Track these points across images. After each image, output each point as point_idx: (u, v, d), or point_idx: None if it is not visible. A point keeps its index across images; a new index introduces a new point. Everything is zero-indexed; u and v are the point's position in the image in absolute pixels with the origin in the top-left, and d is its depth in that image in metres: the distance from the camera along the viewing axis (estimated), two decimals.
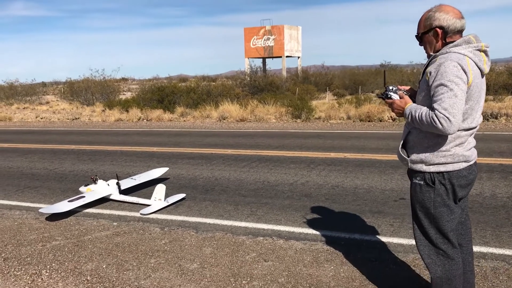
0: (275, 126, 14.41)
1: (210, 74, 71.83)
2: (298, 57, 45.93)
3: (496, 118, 13.05)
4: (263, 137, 11.68)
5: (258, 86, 26.02)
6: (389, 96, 2.69)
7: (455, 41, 2.45)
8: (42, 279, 3.75)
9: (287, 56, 43.47)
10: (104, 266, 3.94)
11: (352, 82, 31.22)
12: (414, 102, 2.62)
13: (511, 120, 12.87)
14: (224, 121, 16.41)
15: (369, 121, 14.17)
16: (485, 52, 2.47)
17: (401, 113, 2.60)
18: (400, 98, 2.63)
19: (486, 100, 17.55)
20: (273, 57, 44.20)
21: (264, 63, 42.06)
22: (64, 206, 5.39)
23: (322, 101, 22.99)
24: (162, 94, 21.11)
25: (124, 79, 68.61)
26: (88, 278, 3.73)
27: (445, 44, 2.48)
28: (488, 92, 20.94)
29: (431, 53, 2.53)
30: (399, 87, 2.74)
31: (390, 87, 2.71)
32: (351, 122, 14.31)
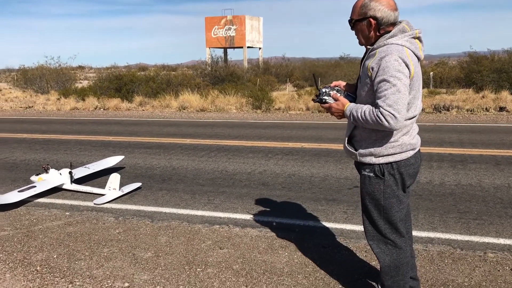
0: (236, 116, 14.40)
1: (170, 63, 70.74)
2: (260, 48, 45.96)
3: (448, 110, 13.55)
4: (223, 127, 11.66)
5: (219, 76, 25.87)
6: (323, 100, 2.62)
7: (389, 31, 2.44)
8: None
9: (248, 47, 43.40)
10: (55, 256, 3.84)
11: (312, 74, 31.53)
12: (353, 96, 2.62)
13: (461, 112, 13.40)
14: (184, 111, 16.25)
15: (326, 112, 14.39)
16: (419, 38, 2.48)
17: (341, 115, 2.58)
18: (335, 100, 2.60)
19: (439, 93, 18.19)
20: (234, 48, 44.03)
21: (225, 53, 41.83)
22: (14, 196, 5.20)
23: (282, 92, 23.16)
24: (120, 83, 20.60)
25: (81, 67, 66.52)
26: (38, 268, 3.62)
27: (379, 35, 2.46)
28: (441, 85, 21.73)
29: (364, 42, 2.53)
30: (332, 85, 2.69)
31: (323, 90, 2.63)
32: (310, 113, 14.49)
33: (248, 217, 4.70)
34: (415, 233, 3.82)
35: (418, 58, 2.47)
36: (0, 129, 12.16)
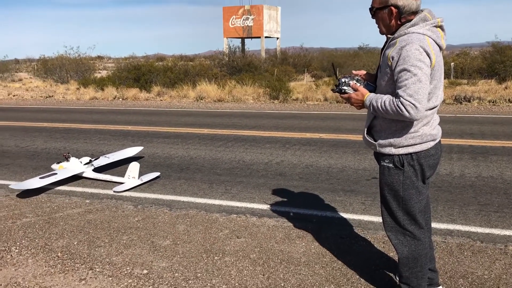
0: (253, 106, 14.39)
1: (188, 54, 70.73)
2: (277, 38, 45.68)
3: (469, 101, 13.30)
4: (240, 117, 11.67)
5: (237, 67, 25.81)
6: (343, 91, 2.59)
7: (410, 20, 2.39)
8: (11, 255, 3.71)
9: (266, 37, 43.17)
10: (76, 243, 3.91)
11: (331, 63, 31.15)
12: (373, 86, 2.59)
13: (483, 103, 13.15)
14: (201, 101, 16.29)
15: (345, 102, 14.26)
16: (441, 27, 2.44)
17: (360, 105, 2.56)
18: (355, 90, 2.57)
19: (460, 84, 17.87)
20: (252, 38, 43.84)
21: (243, 43, 41.72)
22: (35, 182, 5.30)
23: (300, 83, 23.02)
24: (139, 73, 20.77)
25: (99, 57, 66.99)
26: (59, 254, 3.70)
27: (400, 24, 2.42)
28: (462, 76, 21.31)
29: (384, 31, 2.49)
30: (353, 73, 2.66)
31: (343, 80, 2.60)
32: (328, 104, 14.39)
33: (265, 207, 4.71)
34: (434, 225, 3.78)
35: (440, 48, 2.42)
36: (21, 118, 12.38)
